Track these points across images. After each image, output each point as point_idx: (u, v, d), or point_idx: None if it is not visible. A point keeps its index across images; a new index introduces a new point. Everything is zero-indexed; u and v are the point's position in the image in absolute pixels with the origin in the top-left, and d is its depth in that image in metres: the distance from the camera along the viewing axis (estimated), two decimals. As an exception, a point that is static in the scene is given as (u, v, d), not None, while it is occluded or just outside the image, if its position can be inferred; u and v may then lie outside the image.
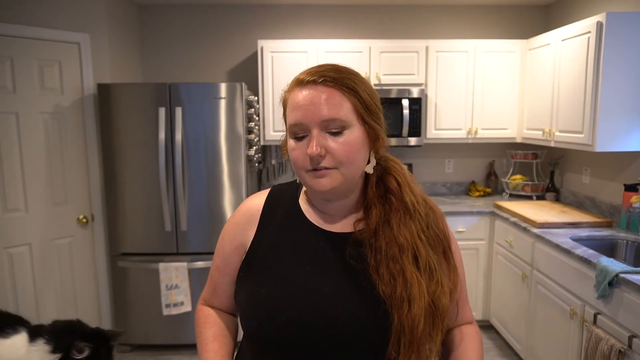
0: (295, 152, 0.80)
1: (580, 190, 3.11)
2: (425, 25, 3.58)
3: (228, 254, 0.92)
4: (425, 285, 0.78)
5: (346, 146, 0.77)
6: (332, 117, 0.77)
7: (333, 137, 0.77)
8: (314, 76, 0.78)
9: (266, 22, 3.55)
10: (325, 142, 0.77)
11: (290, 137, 0.81)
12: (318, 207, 0.89)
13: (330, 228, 0.87)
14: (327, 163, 0.77)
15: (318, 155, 0.76)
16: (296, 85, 0.81)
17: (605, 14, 2.33)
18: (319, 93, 0.77)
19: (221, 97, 2.80)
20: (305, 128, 0.78)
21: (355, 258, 0.82)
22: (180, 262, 2.84)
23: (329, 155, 0.77)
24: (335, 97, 0.77)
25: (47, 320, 1.79)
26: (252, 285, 0.84)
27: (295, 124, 0.78)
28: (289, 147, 0.81)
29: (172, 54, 3.57)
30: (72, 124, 2.84)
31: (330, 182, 0.78)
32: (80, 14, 2.81)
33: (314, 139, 0.77)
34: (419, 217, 0.84)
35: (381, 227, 0.82)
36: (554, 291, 2.31)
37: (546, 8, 3.57)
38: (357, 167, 0.81)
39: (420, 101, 3.18)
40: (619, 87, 2.39)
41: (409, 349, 0.76)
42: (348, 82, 0.79)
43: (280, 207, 0.91)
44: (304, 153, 0.78)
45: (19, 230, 2.65)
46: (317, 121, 0.77)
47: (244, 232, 0.91)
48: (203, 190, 2.85)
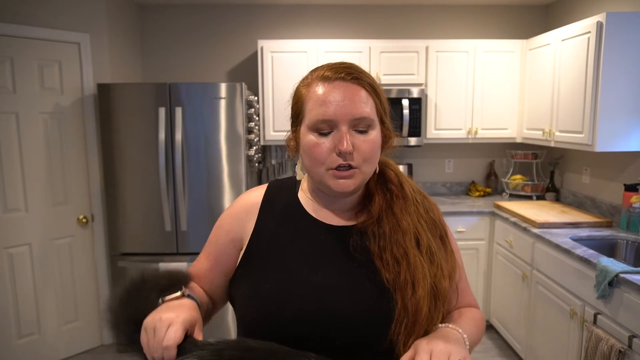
0: (318, 148, 0.77)
1: (580, 190, 3.11)
2: (425, 25, 3.58)
3: (222, 245, 0.91)
4: (427, 268, 0.80)
5: (372, 144, 0.78)
6: (363, 116, 0.77)
7: (359, 135, 0.78)
8: (341, 73, 0.77)
9: (266, 22, 3.55)
10: (353, 140, 0.77)
11: (311, 133, 0.79)
12: (320, 203, 0.89)
13: (331, 221, 0.87)
14: (353, 161, 0.78)
15: (349, 152, 0.76)
16: (321, 80, 0.79)
17: (605, 14, 2.33)
18: (349, 89, 0.77)
19: (221, 97, 2.80)
20: (333, 124, 0.77)
21: (359, 249, 0.83)
22: (180, 262, 2.84)
23: (355, 152, 0.77)
24: (363, 95, 0.78)
25: (47, 320, 1.78)
26: (253, 280, 0.84)
27: (323, 120, 0.76)
28: (309, 143, 0.78)
29: (172, 54, 3.57)
30: (72, 124, 2.84)
31: (353, 182, 0.79)
32: (80, 14, 2.81)
33: (345, 136, 0.76)
34: (416, 204, 0.86)
35: (384, 214, 0.84)
36: (554, 291, 2.31)
37: (546, 8, 3.57)
38: (374, 167, 0.82)
39: (420, 101, 3.18)
40: (619, 87, 2.39)
41: (410, 331, 0.76)
42: (369, 80, 0.79)
43: (279, 201, 0.91)
44: (328, 149, 0.77)
45: (19, 230, 2.65)
46: (349, 118, 0.76)
47: (241, 225, 0.90)
48: (203, 190, 2.85)
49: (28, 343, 2.72)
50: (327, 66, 0.81)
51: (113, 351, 3.00)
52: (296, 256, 0.84)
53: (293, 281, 0.81)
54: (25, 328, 2.71)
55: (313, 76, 0.81)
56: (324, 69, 0.80)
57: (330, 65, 0.80)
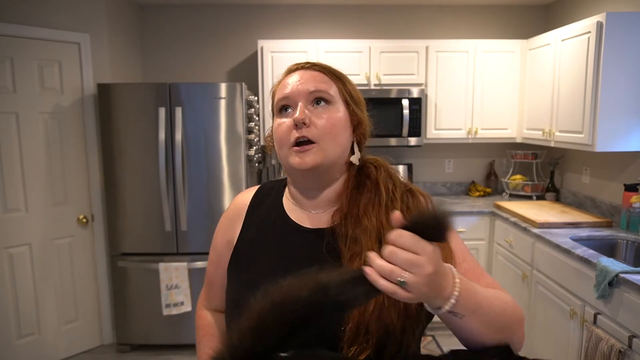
0: (280, 128, 0.81)
1: (580, 190, 3.11)
2: (425, 25, 3.58)
3: (221, 249, 0.93)
4: None
5: (329, 120, 0.80)
6: (318, 89, 0.81)
7: (318, 110, 0.81)
8: (304, 64, 0.85)
9: (266, 22, 3.55)
10: (310, 114, 0.80)
11: (277, 117, 0.84)
12: (299, 203, 0.88)
13: (308, 224, 0.86)
14: (309, 133, 0.78)
15: (302, 121, 0.78)
16: (287, 73, 0.86)
17: (605, 14, 2.33)
18: (306, 73, 0.83)
19: (221, 97, 2.79)
20: (293, 102, 0.81)
21: (332, 251, 0.80)
22: (180, 262, 2.84)
23: (312, 126, 0.79)
24: (323, 77, 0.83)
25: (47, 320, 1.77)
26: (234, 283, 0.86)
27: (282, 98, 0.82)
28: (275, 127, 0.83)
29: (172, 54, 3.57)
30: (72, 124, 2.84)
31: (312, 159, 0.78)
32: (80, 14, 2.81)
33: (300, 107, 0.80)
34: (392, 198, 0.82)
35: (350, 212, 0.81)
36: (554, 291, 2.31)
37: (546, 8, 3.57)
38: (338, 145, 0.81)
39: (420, 101, 3.18)
40: (619, 87, 2.39)
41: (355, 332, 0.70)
42: (335, 71, 0.85)
43: (265, 203, 0.92)
44: (289, 127, 0.80)
45: (19, 230, 2.65)
46: (305, 93, 0.80)
47: (232, 227, 0.92)
48: (203, 190, 2.85)
49: (28, 343, 2.72)
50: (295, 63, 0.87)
51: (113, 351, 3.00)
52: (269, 261, 0.84)
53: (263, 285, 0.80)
54: (25, 328, 2.71)
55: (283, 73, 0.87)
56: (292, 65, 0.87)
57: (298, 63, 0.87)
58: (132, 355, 2.95)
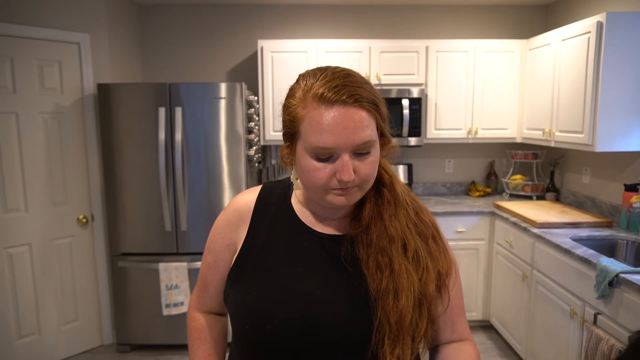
0: (318, 173, 0.75)
1: (580, 190, 3.11)
2: (425, 25, 3.58)
3: (219, 251, 0.91)
4: (413, 275, 0.78)
5: (371, 165, 0.77)
6: (365, 140, 0.73)
7: (360, 158, 0.75)
8: (342, 95, 0.71)
9: (266, 22, 3.55)
10: (353, 164, 0.75)
11: (310, 156, 0.75)
12: (314, 210, 0.88)
13: (324, 230, 0.86)
14: (353, 183, 0.77)
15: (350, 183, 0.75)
16: (318, 102, 0.73)
17: (605, 14, 2.33)
18: (350, 115, 0.72)
19: (221, 97, 2.79)
20: (334, 152, 0.74)
21: (350, 259, 0.82)
22: (180, 262, 2.84)
23: (356, 175, 0.76)
24: (364, 118, 0.73)
25: (47, 320, 1.77)
26: (243, 287, 0.84)
27: (324, 148, 0.73)
28: (308, 167, 0.76)
29: (172, 54, 3.57)
30: (72, 124, 2.84)
31: (352, 198, 0.78)
32: (80, 14, 2.81)
33: (347, 165, 0.73)
34: (406, 206, 0.85)
35: (373, 221, 0.82)
36: (554, 291, 2.31)
37: (546, 8, 3.57)
38: (372, 182, 0.80)
39: (420, 101, 3.18)
40: (619, 87, 2.39)
41: (395, 340, 0.75)
42: (370, 96, 0.74)
43: (272, 206, 0.90)
44: (329, 175, 0.75)
45: (19, 230, 2.65)
46: (350, 147, 0.73)
47: (235, 230, 0.90)
48: (203, 190, 2.85)
49: (28, 343, 2.72)
50: (323, 82, 0.74)
51: (113, 351, 3.00)
52: (286, 265, 0.83)
53: (280, 290, 0.80)
54: (25, 328, 2.71)
55: (309, 94, 0.74)
56: (320, 85, 0.73)
57: (327, 81, 0.73)
58: (132, 355, 2.95)
